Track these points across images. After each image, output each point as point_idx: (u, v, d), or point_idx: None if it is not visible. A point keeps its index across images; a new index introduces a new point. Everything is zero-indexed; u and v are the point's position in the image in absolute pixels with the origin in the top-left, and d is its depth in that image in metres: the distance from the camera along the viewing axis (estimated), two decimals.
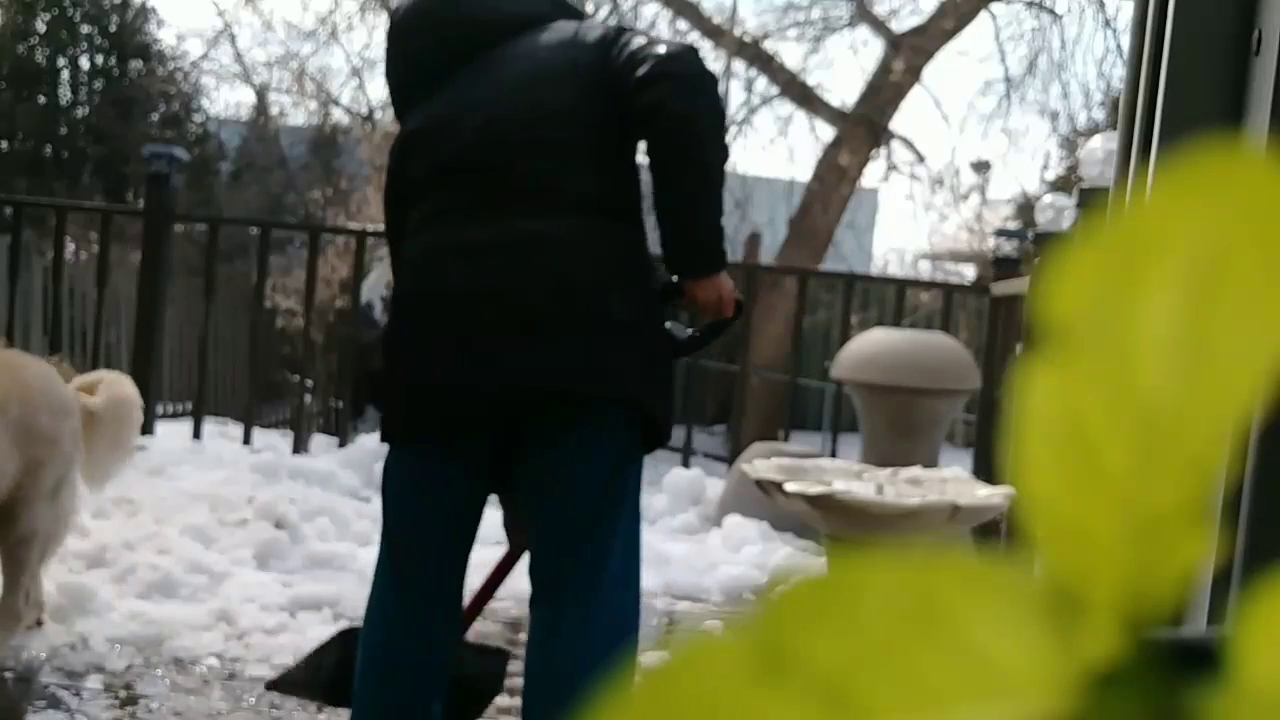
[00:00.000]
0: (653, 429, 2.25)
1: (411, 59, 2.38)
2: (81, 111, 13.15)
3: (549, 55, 2.26)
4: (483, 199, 2.21)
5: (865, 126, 10.90)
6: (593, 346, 2.13)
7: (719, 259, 2.23)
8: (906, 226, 41.30)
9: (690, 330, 2.41)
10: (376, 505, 3.33)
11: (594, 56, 2.22)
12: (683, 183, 2.21)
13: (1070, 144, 12.43)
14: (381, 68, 2.62)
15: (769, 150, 27.79)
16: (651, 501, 5.91)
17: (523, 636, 4.06)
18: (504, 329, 2.14)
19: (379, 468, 2.67)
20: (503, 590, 4.39)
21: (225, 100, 18.68)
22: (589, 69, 2.22)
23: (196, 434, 6.53)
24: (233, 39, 13.23)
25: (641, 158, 2.34)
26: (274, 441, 6.56)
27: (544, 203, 2.18)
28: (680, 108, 2.16)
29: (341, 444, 6.46)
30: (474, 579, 4.42)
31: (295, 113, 12.91)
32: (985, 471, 5.61)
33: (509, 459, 2.27)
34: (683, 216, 2.21)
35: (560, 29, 2.31)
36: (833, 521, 3.14)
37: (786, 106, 12.00)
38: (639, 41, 2.23)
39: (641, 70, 2.16)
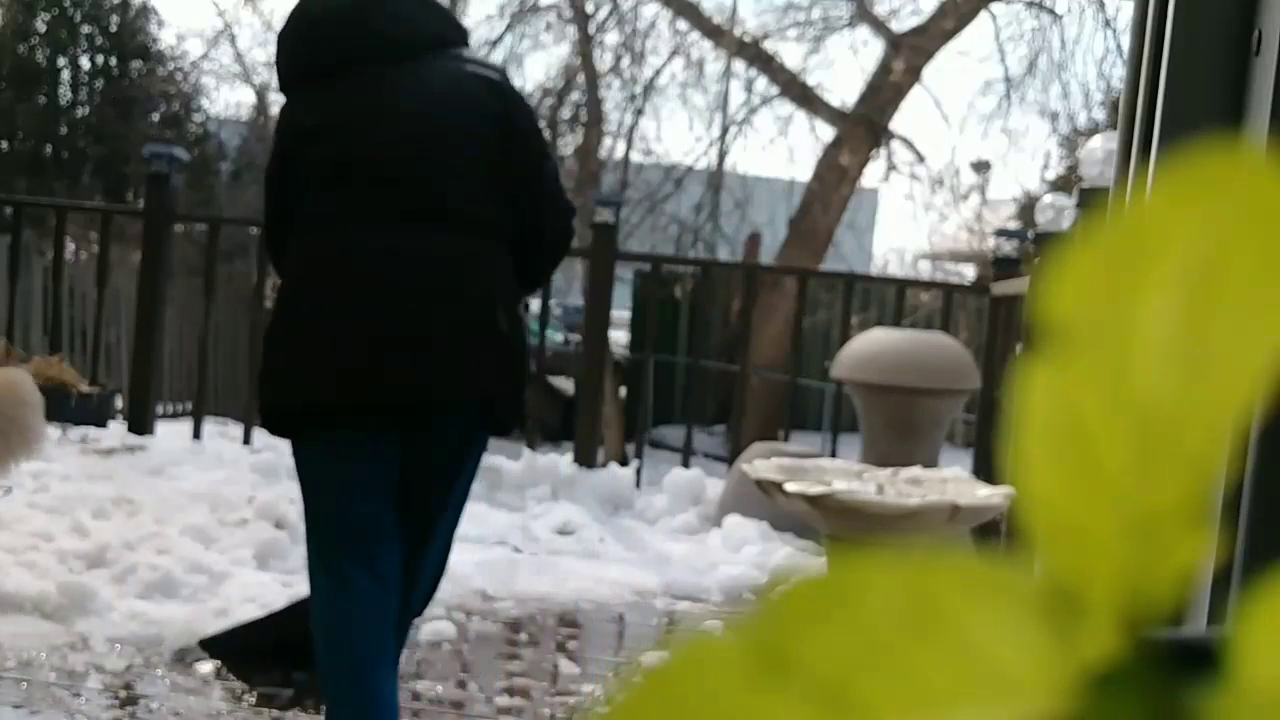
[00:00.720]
0: (509, 426, 2.68)
1: (314, 47, 2.51)
2: (81, 111, 13.15)
3: (455, 85, 2.49)
4: (390, 209, 2.41)
5: (865, 126, 10.90)
6: (478, 358, 2.43)
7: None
8: (906, 226, 41.24)
9: None
10: None
11: (494, 104, 2.49)
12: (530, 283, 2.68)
13: (1070, 144, 12.42)
14: None
15: (769, 150, 27.73)
16: (652, 501, 5.91)
17: (523, 636, 4.07)
18: (405, 337, 2.38)
19: None
20: (502, 590, 4.40)
21: (225, 100, 18.65)
22: (488, 110, 2.48)
23: (196, 434, 6.53)
24: (233, 39, 13.25)
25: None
26: (274, 441, 6.54)
27: (445, 221, 2.42)
28: (548, 266, 2.71)
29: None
30: (479, 581, 4.40)
31: None
32: (985, 471, 5.61)
33: (402, 445, 2.51)
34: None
35: (463, 59, 2.54)
36: (833, 521, 3.14)
37: (786, 106, 12.01)
38: (549, 168, 2.61)
39: (549, 226, 2.58)
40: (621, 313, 10.56)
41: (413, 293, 2.37)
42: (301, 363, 2.43)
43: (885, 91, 10.97)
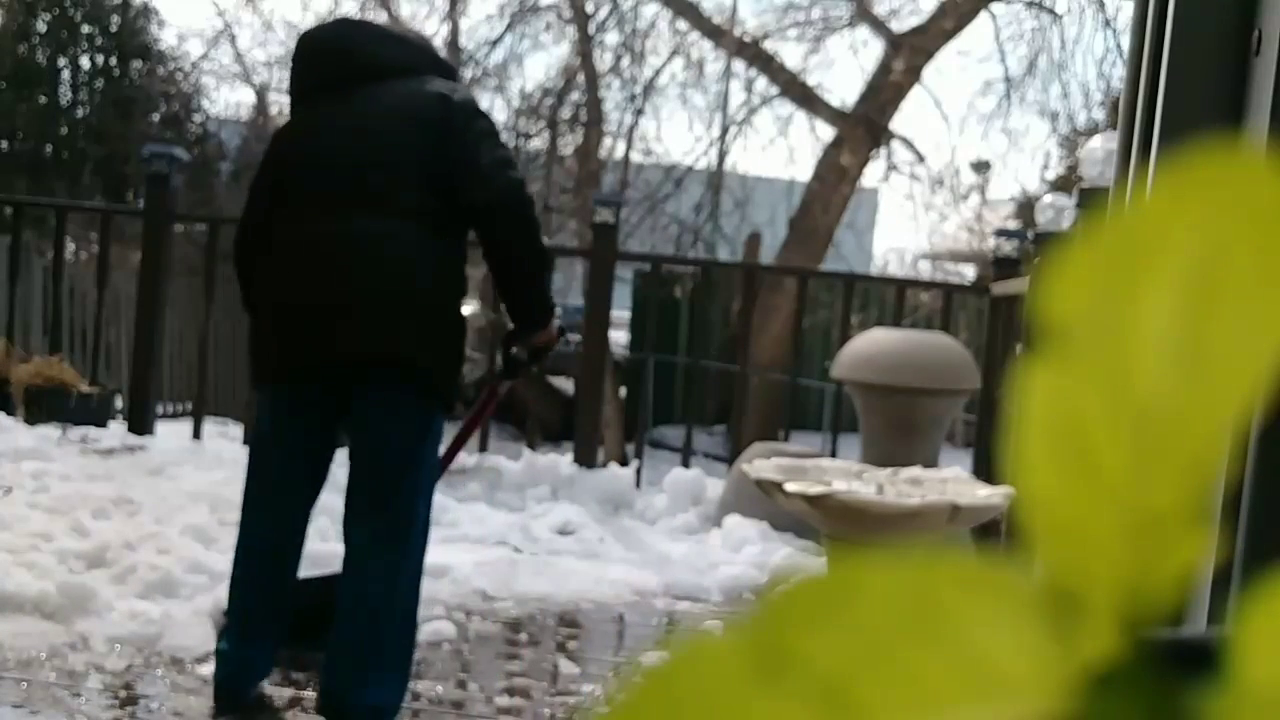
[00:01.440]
0: (442, 395, 2.91)
1: (312, 73, 3.05)
2: (81, 111, 13.16)
3: (406, 99, 2.91)
4: (335, 201, 2.85)
5: (865, 126, 10.90)
6: (399, 321, 2.79)
7: (548, 315, 3.06)
8: (906, 226, 41.26)
9: (523, 353, 3.16)
10: None
11: (437, 110, 2.88)
12: (515, 285, 3.01)
13: (1070, 144, 12.42)
14: None
15: (769, 150, 27.78)
16: (652, 501, 5.91)
17: (523, 636, 4.07)
18: (350, 303, 2.79)
19: None
20: (502, 590, 4.40)
21: (225, 100, 18.64)
22: (429, 116, 2.88)
23: (196, 434, 6.52)
24: (233, 39, 13.26)
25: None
26: None
27: (385, 208, 2.84)
28: (515, 240, 2.90)
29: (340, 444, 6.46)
30: (479, 581, 4.38)
31: None
32: (985, 471, 5.61)
33: (345, 409, 2.91)
34: (521, 301, 3.03)
35: (428, 84, 2.94)
36: (833, 521, 3.14)
37: (786, 106, 12.01)
38: (487, 151, 2.87)
39: (486, 197, 2.84)
40: (621, 313, 10.56)
41: (346, 268, 2.81)
42: (263, 332, 2.93)
43: (885, 91, 10.97)
